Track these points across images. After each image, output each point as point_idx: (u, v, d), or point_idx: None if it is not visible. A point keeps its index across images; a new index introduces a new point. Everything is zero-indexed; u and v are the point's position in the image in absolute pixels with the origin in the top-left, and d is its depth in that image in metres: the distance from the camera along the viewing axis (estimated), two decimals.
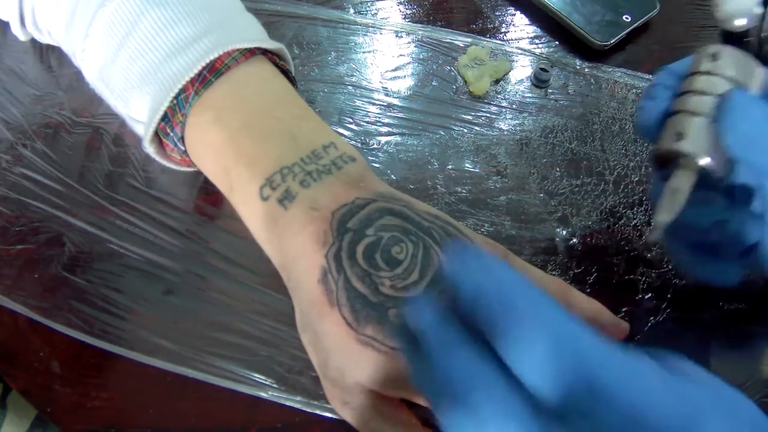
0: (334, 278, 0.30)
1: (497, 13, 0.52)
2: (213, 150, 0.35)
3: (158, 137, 0.37)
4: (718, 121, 0.29)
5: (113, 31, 0.35)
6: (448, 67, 0.48)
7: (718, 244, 0.33)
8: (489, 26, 0.51)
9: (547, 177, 0.43)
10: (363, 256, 0.31)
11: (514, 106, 0.46)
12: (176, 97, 0.35)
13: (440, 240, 0.32)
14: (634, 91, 0.47)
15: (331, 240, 0.31)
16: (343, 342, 0.30)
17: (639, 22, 0.49)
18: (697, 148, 0.29)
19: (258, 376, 0.34)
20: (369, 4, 0.52)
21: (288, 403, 0.34)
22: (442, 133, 0.45)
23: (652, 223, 0.32)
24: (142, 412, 0.34)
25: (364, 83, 0.47)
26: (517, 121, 0.45)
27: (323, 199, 0.32)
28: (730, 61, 0.30)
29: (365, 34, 0.50)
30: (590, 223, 0.41)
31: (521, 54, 0.49)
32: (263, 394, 0.34)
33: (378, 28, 0.50)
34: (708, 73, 0.30)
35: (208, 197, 0.40)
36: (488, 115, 0.46)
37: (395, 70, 0.48)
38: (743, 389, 0.34)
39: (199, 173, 0.38)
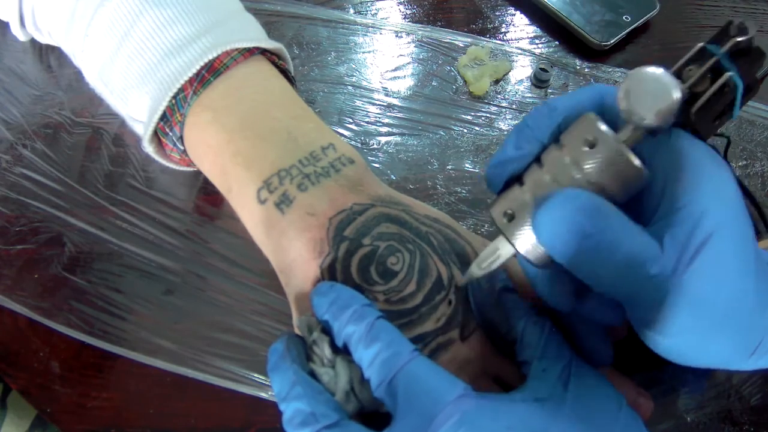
0: None
1: (497, 13, 0.52)
2: (211, 150, 0.35)
3: (158, 137, 0.37)
4: (532, 222, 0.24)
5: (112, 31, 0.35)
6: (448, 67, 0.48)
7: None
8: (489, 26, 0.51)
9: None
10: (357, 270, 0.31)
11: (514, 106, 0.46)
12: (175, 97, 0.35)
13: (438, 247, 0.32)
14: None
15: (327, 249, 0.31)
16: None
17: (639, 22, 0.49)
18: (518, 239, 0.25)
19: (258, 376, 0.34)
20: (369, 4, 0.52)
21: None
22: (442, 133, 0.45)
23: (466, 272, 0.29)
24: (142, 412, 0.34)
25: (364, 83, 0.47)
26: (517, 121, 0.45)
27: (320, 204, 0.32)
28: (602, 152, 0.23)
29: (365, 34, 0.50)
30: None
31: (521, 54, 0.49)
32: (263, 394, 0.34)
33: (378, 28, 0.50)
34: (571, 162, 0.23)
35: (208, 197, 0.40)
36: (488, 115, 0.46)
37: (395, 70, 0.48)
38: (743, 389, 0.34)
39: (198, 173, 0.38)
